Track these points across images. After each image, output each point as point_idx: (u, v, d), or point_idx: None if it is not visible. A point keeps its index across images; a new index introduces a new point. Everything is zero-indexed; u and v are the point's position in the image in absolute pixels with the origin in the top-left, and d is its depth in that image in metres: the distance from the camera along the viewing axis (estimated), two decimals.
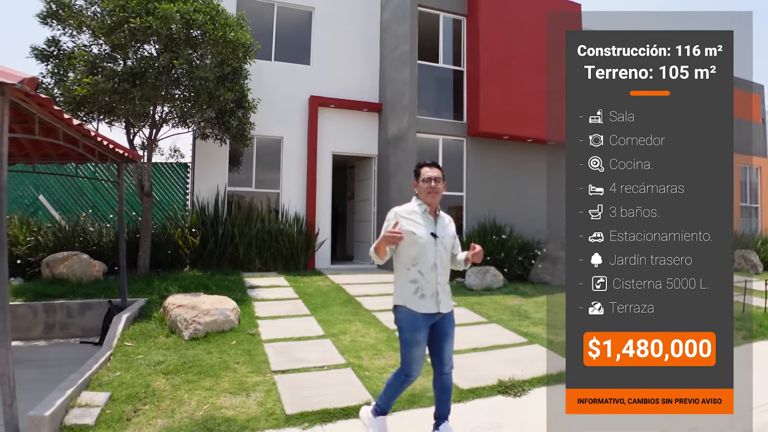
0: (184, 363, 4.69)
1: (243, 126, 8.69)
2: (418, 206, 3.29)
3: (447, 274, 3.28)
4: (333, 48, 11.31)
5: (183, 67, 7.23)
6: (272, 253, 9.86)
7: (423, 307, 3.14)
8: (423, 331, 3.15)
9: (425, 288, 3.16)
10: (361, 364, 4.87)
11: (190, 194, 10.22)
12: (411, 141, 9.81)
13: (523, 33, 10.44)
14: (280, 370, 4.65)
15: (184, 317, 5.48)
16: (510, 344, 5.66)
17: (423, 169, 3.31)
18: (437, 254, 3.20)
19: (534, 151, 10.99)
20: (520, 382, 4.46)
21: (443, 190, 3.31)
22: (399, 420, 3.75)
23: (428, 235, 3.20)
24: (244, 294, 7.49)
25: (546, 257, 9.73)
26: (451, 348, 3.27)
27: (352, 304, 7.30)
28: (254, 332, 5.71)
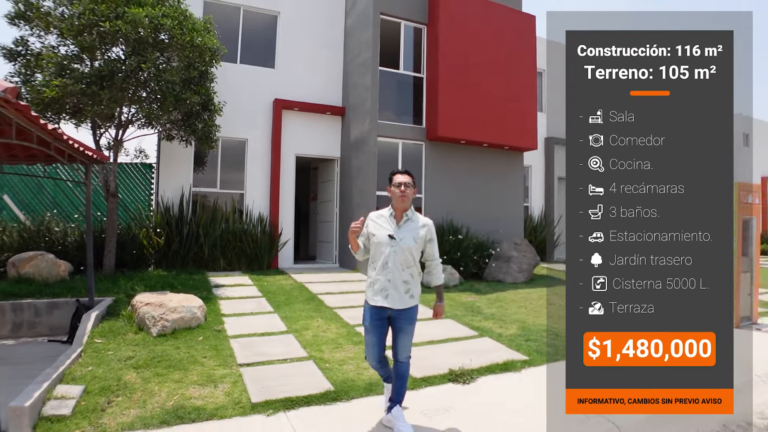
0: (153, 358, 4.94)
1: (209, 128, 8.91)
2: (387, 210, 3.67)
3: (404, 273, 3.54)
4: (298, 52, 11.59)
5: (151, 71, 7.42)
6: (236, 252, 10.10)
7: (373, 300, 3.56)
8: (374, 320, 3.55)
9: (376, 284, 3.55)
10: (322, 357, 5.22)
11: (154, 195, 10.34)
12: (372, 144, 10.19)
13: (480, 42, 10.96)
14: (246, 363, 4.95)
15: (152, 315, 5.72)
16: (462, 337, 6.10)
17: (395, 176, 3.66)
18: (391, 254, 3.51)
19: (490, 156, 11.53)
20: (469, 371, 4.88)
21: (413, 195, 3.64)
22: (358, 405, 4.12)
23: (384, 237, 3.54)
24: (210, 293, 7.73)
25: (499, 256, 10.28)
26: (405, 343, 3.60)
27: (314, 301, 7.63)
28: (220, 329, 5.99)
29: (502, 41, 11.25)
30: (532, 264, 10.26)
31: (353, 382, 4.55)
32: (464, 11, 10.86)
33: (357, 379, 4.63)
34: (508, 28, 11.36)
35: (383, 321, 3.58)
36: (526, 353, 5.55)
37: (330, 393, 4.28)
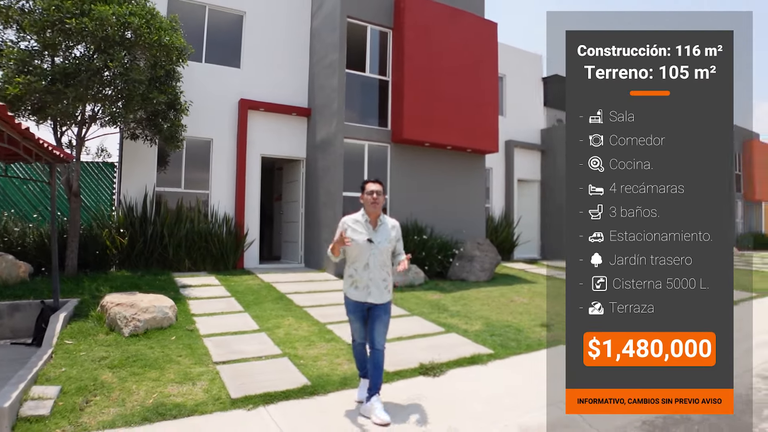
0: (127, 357, 4.95)
1: (175, 128, 8.85)
2: (361, 216, 4.08)
3: (381, 271, 4.01)
4: (263, 52, 11.61)
5: (117, 69, 7.34)
6: (202, 253, 10.06)
7: (355, 296, 4.04)
8: (357, 313, 4.07)
9: (358, 282, 4.01)
10: (296, 353, 5.35)
11: (117, 194, 10.17)
12: (339, 146, 10.32)
13: (444, 47, 11.26)
14: (222, 361, 5.03)
15: (123, 315, 5.70)
16: (430, 333, 6.33)
17: (367, 185, 4.08)
18: (371, 256, 3.98)
19: (453, 158, 11.85)
20: (438, 365, 5.11)
21: (383, 201, 4.08)
22: (335, 398, 4.29)
23: (364, 241, 3.98)
24: (177, 293, 7.71)
25: (463, 256, 10.60)
26: (381, 330, 4.00)
27: (283, 301, 7.72)
28: (192, 328, 6.02)
29: (465, 47, 11.59)
30: (493, 263, 10.62)
31: (328, 377, 4.71)
32: (429, 17, 11.13)
33: (332, 374, 4.78)
34: (471, 34, 11.70)
35: (364, 312, 4.07)
36: (491, 347, 5.82)
37: (307, 387, 4.42)
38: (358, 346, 4.21)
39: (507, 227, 14.53)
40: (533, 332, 6.60)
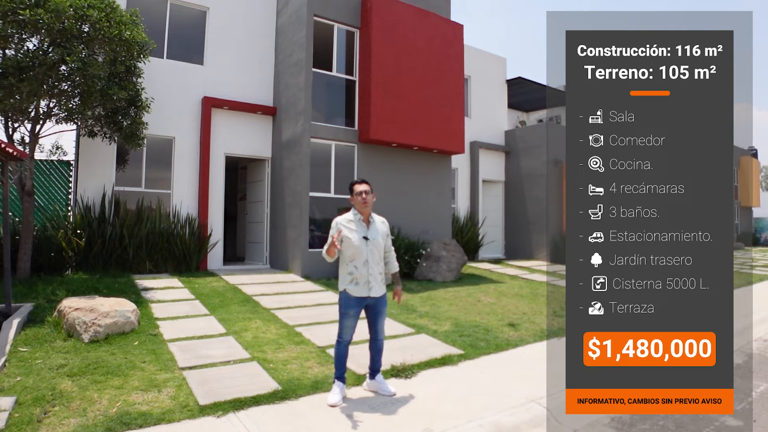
0: (88, 365, 4.74)
1: (136, 126, 8.56)
2: (353, 215, 4.30)
3: (378, 266, 4.27)
4: (227, 49, 11.36)
5: (75, 64, 7.04)
6: (164, 254, 9.77)
7: (356, 291, 4.21)
8: (355, 308, 4.24)
9: (359, 278, 4.20)
10: (265, 357, 5.23)
11: (73, 194, 9.76)
12: (305, 145, 10.20)
13: (412, 48, 11.28)
14: (188, 366, 4.87)
15: (83, 320, 5.47)
16: (400, 335, 6.32)
17: (355, 186, 4.29)
18: (368, 253, 4.21)
19: (420, 159, 11.89)
20: (410, 366, 5.09)
21: (373, 199, 4.30)
22: (307, 402, 4.21)
23: (361, 239, 4.20)
24: (139, 296, 7.46)
25: (430, 256, 10.64)
26: (382, 322, 4.38)
27: (249, 303, 7.57)
28: (156, 333, 5.83)
29: (432, 48, 11.63)
30: (460, 263, 10.70)
31: (299, 381, 4.63)
32: (396, 17, 11.13)
33: (302, 378, 4.70)
34: (437, 36, 11.76)
35: (362, 308, 4.27)
36: (461, 348, 5.85)
37: (278, 392, 4.33)
38: (344, 346, 4.30)
39: (472, 227, 14.67)
40: (501, 332, 6.67)
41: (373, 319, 4.37)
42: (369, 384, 4.50)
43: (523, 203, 15.98)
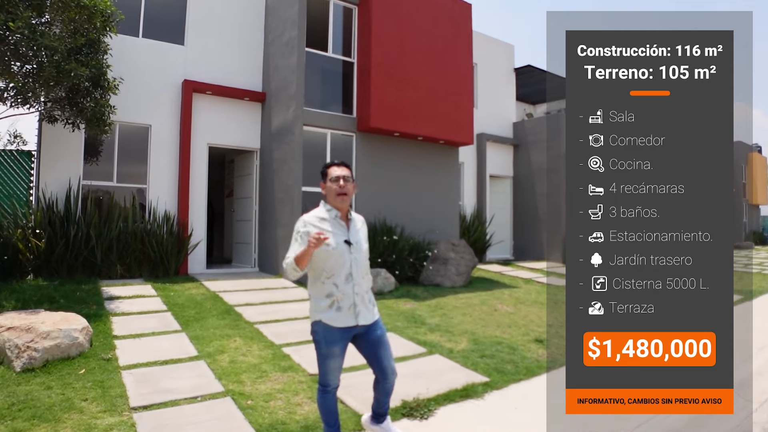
0: (12, 404, 3.67)
1: (101, 109, 7.43)
2: (327, 212, 3.06)
3: (365, 281, 3.10)
4: (211, 29, 10.22)
5: (22, 32, 5.92)
6: (137, 257, 8.67)
7: (340, 321, 2.97)
8: (340, 344, 3.01)
9: (341, 301, 2.97)
10: (242, 390, 4.16)
11: (34, 189, 8.63)
12: (297, 134, 9.10)
13: (416, 28, 10.21)
14: (142, 405, 3.79)
15: (15, 343, 4.37)
16: (410, 356, 5.25)
17: (330, 169, 3.09)
18: (353, 262, 3.00)
19: (425, 150, 10.80)
20: (425, 401, 4.05)
21: (353, 191, 3.10)
22: None
23: (341, 243, 2.99)
24: (101, 307, 6.36)
25: (437, 258, 9.56)
26: (388, 355, 3.15)
27: (230, 315, 6.48)
28: (110, 356, 4.74)
29: (438, 29, 10.56)
30: (470, 266, 9.63)
31: (284, 426, 3.58)
32: None
33: (289, 421, 3.65)
34: (444, 15, 10.69)
35: (348, 342, 3.06)
36: (485, 373, 4.80)
37: None
38: (331, 394, 3.09)
39: (480, 226, 13.59)
40: (529, 351, 5.62)
41: (374, 354, 3.12)
42: (373, 430, 3.37)
43: (533, 200, 14.91)
